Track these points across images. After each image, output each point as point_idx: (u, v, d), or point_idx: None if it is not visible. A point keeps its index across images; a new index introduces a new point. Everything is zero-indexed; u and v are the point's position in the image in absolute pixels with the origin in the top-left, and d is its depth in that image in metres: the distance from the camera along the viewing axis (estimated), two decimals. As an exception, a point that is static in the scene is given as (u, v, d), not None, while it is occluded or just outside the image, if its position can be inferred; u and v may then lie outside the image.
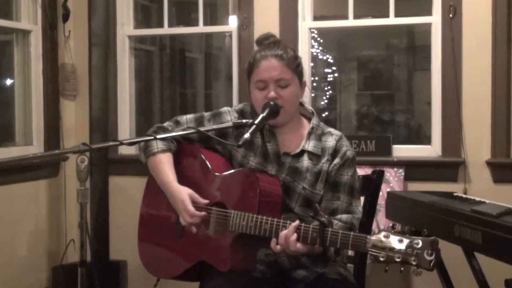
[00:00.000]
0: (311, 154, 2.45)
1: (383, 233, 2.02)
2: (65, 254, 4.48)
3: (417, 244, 1.97)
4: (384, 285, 3.87)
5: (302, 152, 2.45)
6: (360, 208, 2.47)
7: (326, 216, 2.15)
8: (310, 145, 2.46)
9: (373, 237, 2.04)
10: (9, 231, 4.13)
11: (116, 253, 4.37)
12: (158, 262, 2.60)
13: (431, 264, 1.95)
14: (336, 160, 2.44)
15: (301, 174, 2.43)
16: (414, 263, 1.97)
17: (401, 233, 2.01)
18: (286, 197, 2.41)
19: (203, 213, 2.38)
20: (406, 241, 1.99)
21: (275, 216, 2.27)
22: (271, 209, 2.32)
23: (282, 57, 2.41)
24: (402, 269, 2.01)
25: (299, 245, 2.19)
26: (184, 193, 2.40)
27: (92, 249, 4.09)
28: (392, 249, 2.00)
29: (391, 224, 2.07)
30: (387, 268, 2.02)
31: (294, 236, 2.19)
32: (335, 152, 2.45)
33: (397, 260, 1.98)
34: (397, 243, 1.99)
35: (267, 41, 2.48)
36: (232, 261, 2.32)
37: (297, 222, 2.21)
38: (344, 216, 2.40)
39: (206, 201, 2.40)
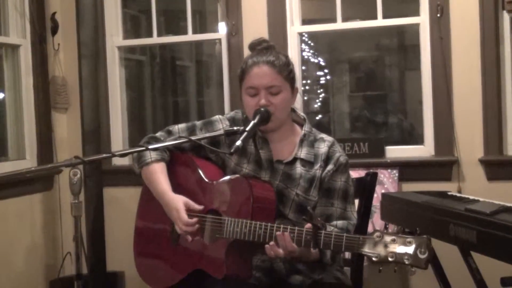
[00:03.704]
0: (304, 161, 2.45)
1: (376, 234, 2.02)
2: (62, 267, 4.47)
3: (410, 243, 1.97)
4: (382, 286, 3.87)
5: (295, 159, 2.46)
6: (355, 214, 2.48)
7: (319, 219, 2.16)
8: (302, 153, 2.46)
9: (366, 238, 2.05)
10: (5, 246, 4.11)
11: (113, 264, 4.36)
12: (154, 272, 2.59)
13: (425, 262, 1.96)
14: (329, 167, 2.45)
15: (294, 180, 2.43)
16: (407, 262, 1.97)
17: (394, 233, 2.01)
18: (280, 203, 2.41)
19: (197, 221, 2.38)
20: (398, 240, 1.99)
21: (269, 221, 2.27)
22: (265, 214, 2.32)
23: (274, 64, 2.40)
24: (396, 268, 2.01)
25: (294, 244, 2.19)
26: (178, 202, 2.40)
27: (89, 261, 4.09)
28: (385, 249, 2.00)
29: (383, 225, 2.08)
30: (381, 268, 2.03)
31: (289, 236, 2.19)
32: (328, 159, 2.45)
33: (390, 259, 1.99)
34: (390, 243, 2.00)
35: (259, 47, 2.48)
36: (228, 268, 2.32)
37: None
38: (339, 223, 2.41)
39: (201, 207, 2.40)
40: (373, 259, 2.02)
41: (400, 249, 1.98)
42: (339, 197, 2.44)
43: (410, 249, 1.97)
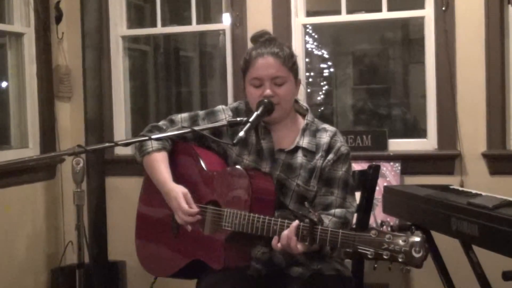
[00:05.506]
0: (306, 151, 2.45)
1: (372, 231, 2.02)
2: (64, 256, 4.47)
3: (405, 241, 1.97)
4: (383, 279, 3.87)
5: (297, 148, 2.46)
6: (354, 204, 2.48)
7: (316, 214, 2.16)
8: (304, 142, 2.46)
9: (362, 235, 2.04)
10: (7, 234, 4.12)
11: (115, 254, 4.37)
12: (154, 260, 2.61)
13: (419, 261, 1.96)
14: (330, 156, 2.45)
15: (295, 171, 2.43)
16: (401, 261, 1.97)
17: (390, 231, 2.01)
18: (281, 194, 2.42)
19: (197, 210, 2.38)
20: (394, 238, 1.99)
21: (268, 213, 2.27)
22: (264, 206, 2.32)
23: (278, 55, 2.41)
24: (390, 266, 2.01)
25: (300, 245, 2.19)
26: (178, 192, 2.41)
27: (91, 251, 4.10)
28: (380, 247, 2.00)
29: (380, 222, 2.07)
30: (376, 265, 2.03)
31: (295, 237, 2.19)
32: (329, 148, 2.46)
33: (385, 257, 1.99)
34: (385, 240, 2.00)
35: (262, 39, 2.49)
36: (226, 259, 2.33)
37: (296, 222, 2.21)
38: (338, 211, 2.41)
39: (197, 210, 2.39)
40: (369, 256, 2.02)
41: (395, 247, 1.98)
42: (339, 186, 2.44)
43: (405, 248, 1.97)
